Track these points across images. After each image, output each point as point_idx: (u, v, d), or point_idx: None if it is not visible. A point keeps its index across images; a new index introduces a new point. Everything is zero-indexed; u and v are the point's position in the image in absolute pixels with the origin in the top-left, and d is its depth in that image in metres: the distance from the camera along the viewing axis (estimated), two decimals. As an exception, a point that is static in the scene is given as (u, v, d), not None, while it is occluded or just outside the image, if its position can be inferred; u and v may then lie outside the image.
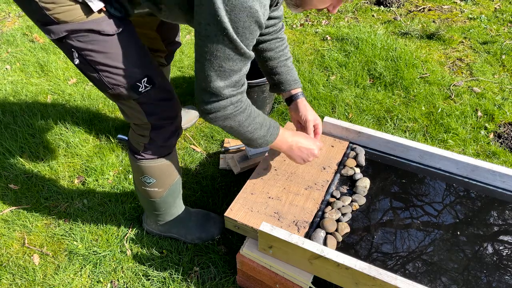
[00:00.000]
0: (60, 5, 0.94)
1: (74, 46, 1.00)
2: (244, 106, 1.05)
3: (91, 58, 1.03)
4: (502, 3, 3.29)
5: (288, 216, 1.25)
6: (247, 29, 0.88)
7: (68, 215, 1.66)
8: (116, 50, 1.03)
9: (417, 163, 1.45)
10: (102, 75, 1.06)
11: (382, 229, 1.23)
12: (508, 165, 1.85)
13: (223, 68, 0.93)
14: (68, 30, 0.97)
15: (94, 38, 0.99)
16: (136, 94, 1.09)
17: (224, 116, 1.02)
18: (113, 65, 1.04)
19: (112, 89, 1.08)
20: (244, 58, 0.94)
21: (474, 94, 2.30)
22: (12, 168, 1.86)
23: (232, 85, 0.98)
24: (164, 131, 1.21)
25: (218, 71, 0.94)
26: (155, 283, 1.42)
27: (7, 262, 1.50)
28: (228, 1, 0.82)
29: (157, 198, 1.36)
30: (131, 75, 1.07)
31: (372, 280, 1.00)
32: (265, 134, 1.15)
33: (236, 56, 0.92)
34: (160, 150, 1.24)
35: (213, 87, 0.96)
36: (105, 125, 2.09)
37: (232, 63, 0.93)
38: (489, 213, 1.28)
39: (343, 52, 2.66)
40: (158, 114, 1.15)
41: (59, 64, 2.57)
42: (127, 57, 1.05)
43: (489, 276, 1.10)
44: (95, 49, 1.01)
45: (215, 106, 1.00)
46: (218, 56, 0.91)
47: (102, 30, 0.99)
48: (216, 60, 0.92)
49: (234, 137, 1.15)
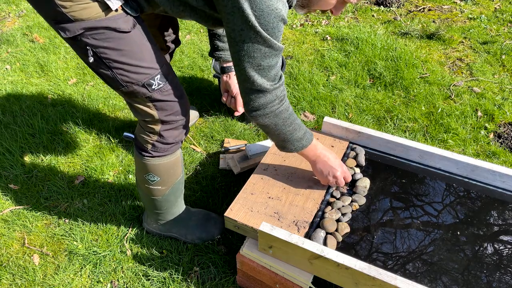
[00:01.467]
0: (77, 3, 0.94)
1: (89, 43, 1.00)
2: (287, 103, 1.15)
3: (106, 56, 1.03)
4: (502, 3, 3.29)
5: (288, 216, 1.25)
6: (275, 28, 0.96)
7: (68, 215, 1.66)
8: (131, 48, 1.04)
9: (417, 163, 1.45)
10: (116, 72, 1.06)
11: (382, 229, 1.23)
12: (508, 165, 1.85)
13: (262, 66, 1.02)
14: (85, 28, 0.97)
15: (110, 35, 1.00)
16: (149, 91, 1.10)
17: (270, 112, 1.11)
18: (128, 62, 1.05)
19: (126, 86, 1.09)
20: (278, 52, 1.02)
21: (474, 94, 2.30)
22: (12, 168, 1.86)
23: (272, 79, 1.06)
24: (174, 128, 1.22)
25: (258, 70, 1.02)
26: (155, 283, 1.42)
27: (7, 262, 1.50)
28: (256, 7, 0.90)
29: (159, 196, 1.36)
30: (145, 72, 1.08)
31: (372, 280, 1.00)
32: (302, 137, 1.22)
33: (271, 51, 1.00)
34: (167, 148, 1.25)
35: (257, 85, 1.04)
36: (105, 125, 2.09)
37: (269, 59, 1.01)
38: (489, 213, 1.28)
39: (343, 52, 2.66)
40: (169, 110, 1.17)
41: (59, 64, 2.57)
42: (142, 54, 1.06)
43: (489, 276, 1.10)
44: (110, 47, 1.02)
45: (262, 102, 1.08)
46: (255, 56, 0.99)
47: (119, 28, 1.00)
48: (254, 60, 1.00)
49: (272, 139, 1.24)
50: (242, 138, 2.02)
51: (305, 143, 1.23)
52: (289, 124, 1.17)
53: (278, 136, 1.20)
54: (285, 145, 1.23)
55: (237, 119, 2.13)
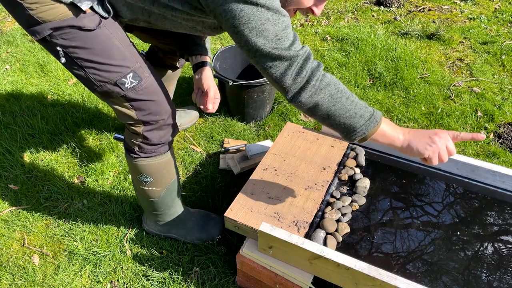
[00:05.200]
0: (42, 5, 0.96)
1: (58, 44, 1.02)
2: (329, 75, 0.99)
3: (76, 55, 1.04)
4: (502, 3, 3.29)
5: (288, 216, 1.25)
6: None
7: (68, 215, 1.66)
8: (99, 46, 1.04)
9: (417, 163, 1.45)
10: (88, 72, 1.07)
11: (382, 229, 1.23)
12: (508, 165, 1.85)
13: (279, 36, 0.92)
14: (52, 28, 0.99)
15: (76, 34, 1.01)
16: (122, 90, 1.10)
17: (313, 85, 0.96)
18: (97, 60, 1.05)
19: (99, 86, 1.09)
20: (281, 15, 0.93)
21: (474, 94, 2.30)
22: (12, 168, 1.86)
23: (291, 43, 0.95)
24: (156, 129, 1.20)
25: (277, 42, 0.93)
26: (155, 284, 1.42)
27: (7, 262, 1.50)
28: None
29: (155, 197, 1.36)
30: (116, 70, 1.07)
31: (372, 280, 1.00)
32: (367, 107, 1.01)
33: (278, 16, 0.92)
34: (154, 149, 1.24)
35: (280, 54, 0.93)
36: (105, 125, 2.09)
37: (275, 26, 0.92)
38: (489, 213, 1.28)
39: (343, 52, 2.66)
40: (147, 110, 1.15)
41: (59, 64, 2.57)
42: (110, 52, 1.06)
43: (489, 276, 1.10)
44: (78, 45, 1.03)
45: (295, 74, 0.96)
46: (267, 29, 0.91)
47: (83, 26, 1.00)
48: (268, 34, 0.92)
49: (333, 128, 1.03)
50: (242, 138, 2.02)
51: (376, 117, 1.01)
52: (343, 90, 0.99)
53: (338, 117, 0.99)
54: (352, 123, 1.00)
55: (237, 119, 2.13)
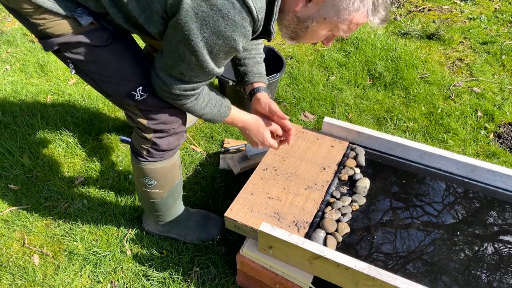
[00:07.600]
0: (49, 21, 0.96)
1: (68, 57, 1.03)
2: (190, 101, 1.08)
3: (86, 68, 1.06)
4: (502, 3, 3.29)
5: (288, 216, 1.25)
6: (222, 52, 0.91)
7: (68, 215, 1.66)
8: (108, 61, 1.05)
9: (417, 163, 1.45)
10: (98, 83, 1.09)
11: (382, 229, 1.23)
12: (508, 165, 1.85)
13: (184, 76, 0.98)
14: (60, 44, 0.99)
15: (85, 50, 1.02)
16: (132, 102, 1.10)
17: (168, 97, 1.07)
18: (107, 74, 1.06)
19: (110, 96, 1.11)
20: (210, 74, 0.99)
21: (474, 94, 2.30)
22: (12, 168, 1.86)
23: (186, 89, 1.02)
24: (167, 136, 1.20)
25: (179, 75, 0.98)
26: (155, 284, 1.42)
27: (7, 262, 1.50)
28: (206, 28, 0.84)
29: (157, 199, 1.36)
30: (125, 84, 1.08)
31: (372, 280, 1.00)
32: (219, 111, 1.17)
33: (201, 71, 0.96)
34: (163, 154, 1.24)
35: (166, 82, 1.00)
36: (105, 125, 2.09)
37: (194, 73, 0.97)
38: (489, 213, 1.28)
39: (343, 52, 2.66)
40: (158, 119, 1.15)
41: (59, 65, 2.57)
42: (120, 67, 1.07)
43: (489, 276, 1.10)
44: (87, 60, 1.03)
45: (162, 89, 1.05)
46: (181, 67, 0.95)
47: (92, 43, 1.00)
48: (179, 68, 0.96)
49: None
50: (242, 138, 2.02)
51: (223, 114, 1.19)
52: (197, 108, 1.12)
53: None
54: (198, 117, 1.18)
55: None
